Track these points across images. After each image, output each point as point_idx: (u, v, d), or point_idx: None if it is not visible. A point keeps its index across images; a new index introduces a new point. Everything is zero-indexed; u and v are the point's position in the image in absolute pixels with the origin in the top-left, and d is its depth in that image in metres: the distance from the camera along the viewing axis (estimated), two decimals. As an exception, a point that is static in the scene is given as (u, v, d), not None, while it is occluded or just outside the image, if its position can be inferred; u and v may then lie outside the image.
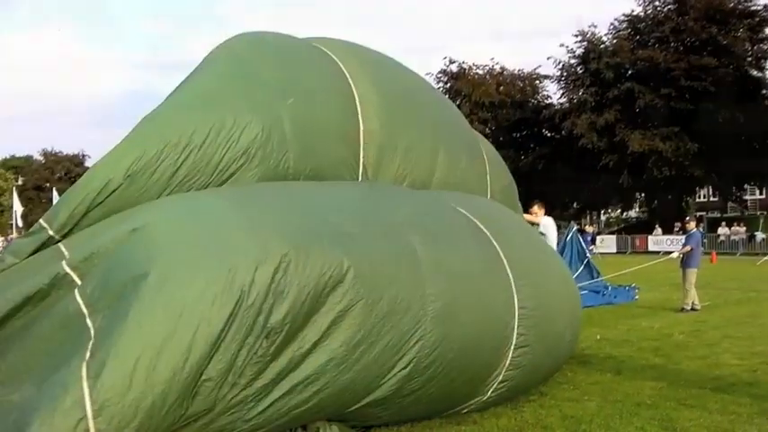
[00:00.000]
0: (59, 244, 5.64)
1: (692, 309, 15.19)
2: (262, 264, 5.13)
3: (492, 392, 6.91)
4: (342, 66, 7.70)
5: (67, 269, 5.23)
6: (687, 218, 18.08)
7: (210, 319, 4.87)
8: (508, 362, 6.81)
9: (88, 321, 4.81)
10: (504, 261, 6.93)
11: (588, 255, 19.85)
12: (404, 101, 8.08)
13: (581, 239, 20.27)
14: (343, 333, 5.48)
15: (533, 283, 7.12)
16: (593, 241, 23.92)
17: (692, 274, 15.59)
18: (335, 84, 7.52)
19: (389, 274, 5.82)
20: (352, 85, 7.55)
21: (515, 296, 6.82)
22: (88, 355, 4.54)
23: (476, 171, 8.86)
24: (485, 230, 7.12)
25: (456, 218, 7.19)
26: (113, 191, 5.81)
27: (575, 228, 21.57)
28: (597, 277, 18.86)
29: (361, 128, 7.39)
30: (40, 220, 5.84)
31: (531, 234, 8.77)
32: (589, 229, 22.54)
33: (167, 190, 6.02)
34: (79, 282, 5.12)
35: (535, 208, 12.64)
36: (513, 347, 6.79)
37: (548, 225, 12.48)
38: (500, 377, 6.84)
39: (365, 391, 5.78)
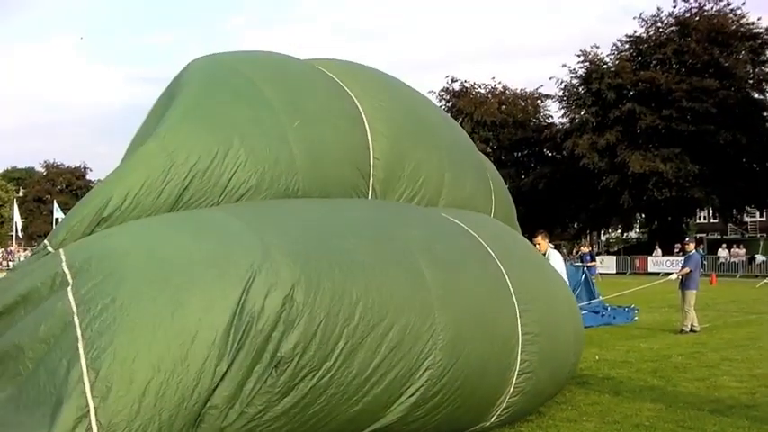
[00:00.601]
0: (59, 250, 5.52)
1: (692, 330, 15.18)
2: (273, 289, 5.06)
3: (495, 419, 6.87)
4: (346, 88, 7.67)
5: (65, 268, 5.14)
6: (686, 239, 18.05)
7: (221, 345, 4.81)
8: (512, 388, 6.74)
9: (75, 319, 4.72)
10: (510, 285, 6.85)
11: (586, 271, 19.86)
12: (409, 122, 8.02)
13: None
14: (355, 367, 5.38)
15: (538, 308, 7.04)
16: (593, 259, 23.99)
17: (692, 295, 15.58)
18: (341, 106, 7.47)
19: (400, 304, 5.74)
20: (359, 107, 7.51)
21: (519, 321, 6.75)
22: (84, 362, 4.47)
23: (481, 193, 8.83)
24: (491, 252, 7.03)
25: (464, 240, 7.10)
26: (115, 210, 5.74)
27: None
28: (596, 297, 18.84)
29: (371, 149, 7.36)
30: (45, 241, 5.80)
31: (536, 256, 8.70)
32: (585, 249, 22.58)
33: (174, 210, 5.98)
34: (71, 281, 5.02)
35: (539, 238, 12.11)
36: (516, 373, 6.72)
37: (553, 257, 11.90)
38: (504, 403, 6.78)
39: (370, 420, 5.71)
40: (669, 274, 19.56)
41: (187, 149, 6.07)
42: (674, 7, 55.71)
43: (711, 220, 71.54)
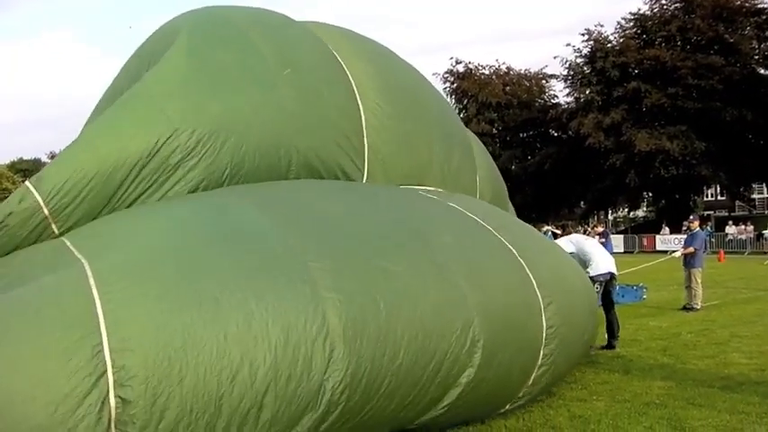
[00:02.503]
0: (67, 242, 5.33)
1: (692, 308, 15.16)
2: (319, 335, 4.84)
3: (509, 406, 6.86)
4: (335, 53, 7.65)
5: (82, 260, 4.92)
6: (691, 217, 17.78)
7: (260, 388, 4.58)
8: (531, 381, 6.69)
9: (101, 322, 4.42)
10: (533, 281, 6.71)
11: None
12: (399, 90, 8.01)
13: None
14: (396, 400, 5.26)
15: (558, 298, 6.92)
16: (605, 238, 23.50)
17: (698, 273, 15.54)
18: (331, 67, 7.47)
19: (441, 331, 5.57)
20: (347, 72, 7.49)
21: (543, 317, 6.63)
22: (113, 388, 4.23)
23: (467, 169, 8.76)
24: (511, 248, 6.89)
25: (488, 238, 6.93)
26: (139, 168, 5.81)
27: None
28: None
29: (361, 109, 7.30)
30: (27, 183, 5.72)
31: (544, 240, 8.58)
32: (600, 228, 22.28)
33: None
34: (93, 280, 4.66)
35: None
36: (537, 368, 6.68)
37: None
38: (521, 394, 6.78)
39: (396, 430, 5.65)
40: (674, 251, 19.42)
41: (195, 106, 6.22)
42: (679, -16, 55.29)
43: (719, 198, 71.25)
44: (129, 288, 4.66)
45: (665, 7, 54.00)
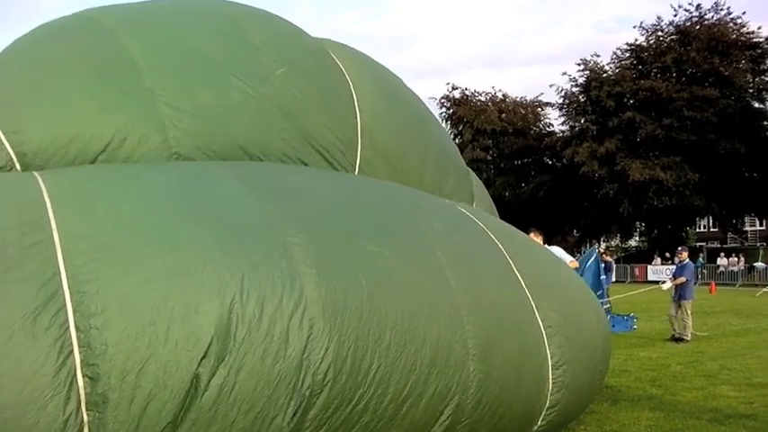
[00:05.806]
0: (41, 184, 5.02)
1: (682, 339, 15.17)
2: (296, 310, 4.64)
3: (542, 422, 6.43)
4: (337, 60, 7.54)
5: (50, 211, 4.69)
6: (680, 248, 17.73)
7: (238, 371, 4.42)
8: (550, 385, 6.31)
9: (66, 294, 4.27)
10: (518, 275, 6.40)
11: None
12: (397, 106, 7.88)
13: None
14: (391, 389, 4.98)
15: (554, 297, 6.57)
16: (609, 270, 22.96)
17: (689, 304, 15.58)
18: (330, 74, 7.33)
19: (428, 314, 5.29)
20: (348, 80, 7.35)
21: (536, 313, 6.27)
22: (80, 366, 4.12)
23: (463, 191, 8.57)
24: (496, 241, 6.62)
25: (473, 228, 6.72)
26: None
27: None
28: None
29: (359, 127, 7.10)
30: None
31: (537, 245, 8.29)
32: (608, 258, 21.69)
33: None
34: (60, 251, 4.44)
35: (531, 236, 12.07)
36: (551, 368, 6.29)
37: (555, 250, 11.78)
38: (547, 403, 6.39)
39: None
40: (664, 282, 19.39)
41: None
42: (675, 16, 55.99)
43: (711, 229, 71.50)
44: (97, 261, 4.46)
45: (660, 39, 54.53)
